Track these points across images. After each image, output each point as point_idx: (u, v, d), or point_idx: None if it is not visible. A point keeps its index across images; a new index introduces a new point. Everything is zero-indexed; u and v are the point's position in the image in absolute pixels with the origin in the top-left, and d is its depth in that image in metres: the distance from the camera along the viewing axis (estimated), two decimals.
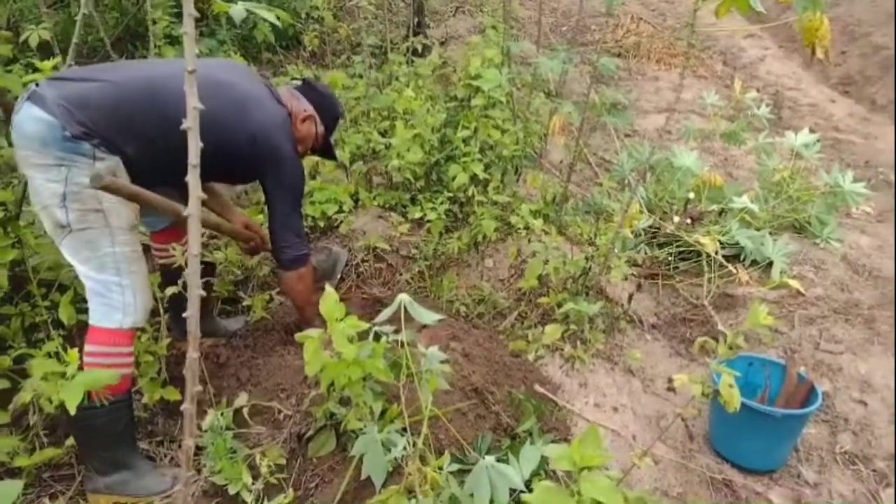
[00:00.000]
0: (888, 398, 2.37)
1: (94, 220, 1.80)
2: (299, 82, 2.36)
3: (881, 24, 6.05)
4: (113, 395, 1.86)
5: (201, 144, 1.06)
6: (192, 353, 1.11)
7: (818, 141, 3.37)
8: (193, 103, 0.99)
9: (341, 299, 1.77)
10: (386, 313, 1.55)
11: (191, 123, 1.00)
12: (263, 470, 1.70)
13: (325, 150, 2.40)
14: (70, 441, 2.02)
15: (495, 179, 3.19)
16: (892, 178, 4.10)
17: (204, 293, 1.20)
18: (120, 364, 1.87)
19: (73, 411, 1.64)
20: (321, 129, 2.30)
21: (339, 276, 2.91)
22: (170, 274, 2.36)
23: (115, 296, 1.87)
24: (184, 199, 1.38)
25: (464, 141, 3.18)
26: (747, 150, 3.98)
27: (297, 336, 1.59)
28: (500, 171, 3.25)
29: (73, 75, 1.89)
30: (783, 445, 2.16)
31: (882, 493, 2.08)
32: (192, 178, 1.05)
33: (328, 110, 2.32)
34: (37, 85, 1.79)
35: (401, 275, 3.00)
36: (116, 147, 1.80)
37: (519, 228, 2.97)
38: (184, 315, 1.19)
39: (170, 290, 2.06)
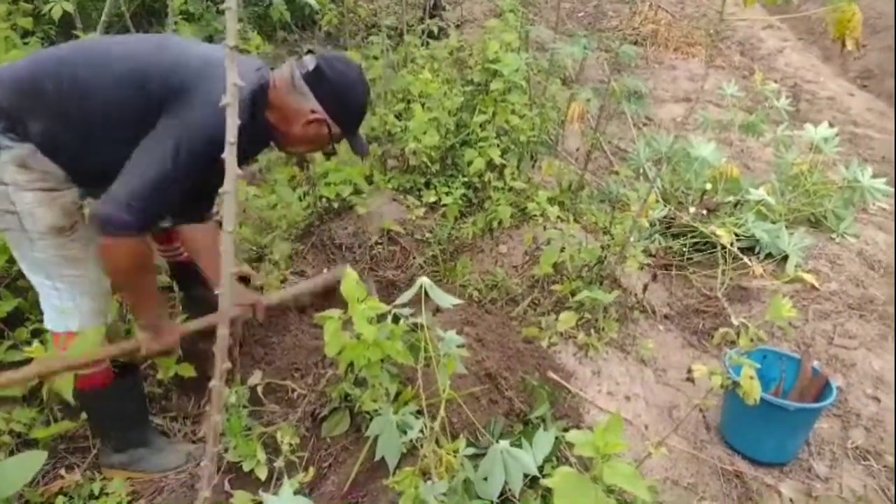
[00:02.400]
0: None
1: (11, 221, 1.61)
2: (310, 61, 1.76)
3: None
4: (90, 388, 1.80)
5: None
6: (223, 330, 1.11)
7: (837, 135, 3.34)
8: (233, 79, 0.98)
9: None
10: (406, 295, 1.55)
11: (230, 99, 1.00)
12: (284, 448, 1.71)
13: (349, 142, 1.91)
14: (85, 415, 2.04)
15: (511, 165, 3.18)
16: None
17: (237, 270, 1.19)
18: (85, 364, 1.76)
19: (70, 399, 1.63)
20: (336, 129, 1.81)
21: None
22: (178, 266, 2.35)
23: (53, 300, 1.73)
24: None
25: (480, 125, 3.16)
26: (765, 143, 3.95)
27: (317, 316, 1.59)
28: (516, 156, 3.24)
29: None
30: (795, 439, 2.16)
31: (892, 489, 2.08)
32: (230, 156, 1.04)
33: (344, 107, 1.80)
34: None
35: (414, 258, 3.00)
36: (25, 129, 1.56)
37: (535, 215, 2.96)
38: (216, 292, 1.18)
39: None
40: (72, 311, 1.73)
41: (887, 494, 2.07)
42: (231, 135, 1.05)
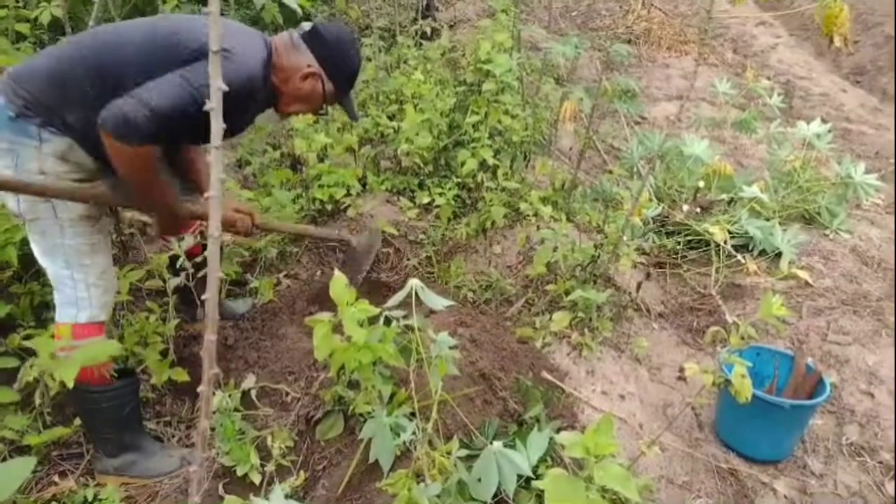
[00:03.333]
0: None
1: (44, 210, 1.71)
2: (307, 25, 1.93)
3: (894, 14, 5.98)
4: (90, 382, 1.83)
5: None
6: (210, 336, 1.10)
7: (830, 131, 3.34)
8: (218, 84, 0.97)
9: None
10: (396, 298, 1.55)
11: (214, 104, 0.99)
12: (275, 452, 1.70)
13: (341, 106, 2.07)
14: (78, 420, 2.03)
15: (504, 165, 3.18)
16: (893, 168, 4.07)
17: (222, 275, 1.19)
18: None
19: (70, 384, 1.64)
20: (330, 86, 1.92)
21: (371, 261, 2.69)
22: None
23: (67, 290, 1.80)
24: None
25: (473, 126, 3.16)
26: (758, 140, 3.95)
27: (307, 320, 1.59)
28: (509, 157, 3.24)
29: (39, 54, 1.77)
30: (790, 436, 2.16)
31: (888, 485, 2.08)
32: (215, 159, 1.04)
33: (338, 64, 1.92)
34: None
35: (408, 260, 3.00)
36: (63, 121, 1.66)
37: (528, 215, 2.96)
38: (202, 297, 1.19)
39: (173, 283, 2.06)
40: (85, 300, 1.81)
41: (882, 490, 2.07)
42: (216, 138, 1.05)
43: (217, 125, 1.06)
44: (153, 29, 1.71)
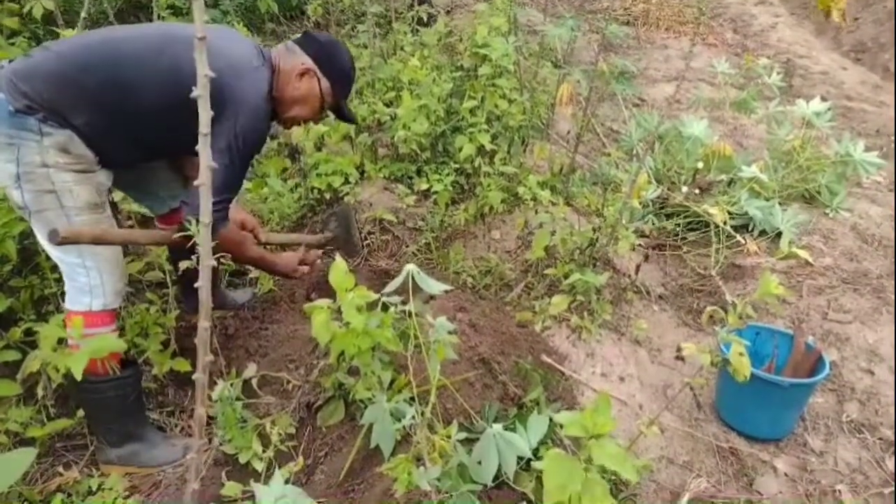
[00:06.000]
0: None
1: (49, 201, 1.74)
2: (300, 34, 2.05)
3: None
4: (94, 372, 1.85)
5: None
6: (204, 324, 1.11)
7: (829, 109, 3.32)
8: (203, 71, 0.97)
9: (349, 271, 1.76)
10: (394, 284, 1.55)
11: (201, 91, 0.99)
12: (274, 438, 1.72)
13: (337, 109, 2.13)
14: (81, 412, 2.05)
15: (502, 150, 3.16)
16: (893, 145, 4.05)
17: (214, 263, 1.20)
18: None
19: (79, 377, 1.66)
20: (326, 84, 1.99)
21: (357, 232, 2.79)
22: (177, 251, 2.35)
23: (80, 278, 1.83)
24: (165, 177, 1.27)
25: (470, 111, 3.14)
26: (757, 119, 3.93)
27: (306, 307, 1.59)
28: (506, 141, 3.22)
29: (40, 50, 1.79)
30: (790, 414, 2.16)
31: (888, 461, 2.09)
32: (203, 146, 1.04)
33: (331, 61, 1.99)
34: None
35: (407, 246, 3.00)
36: (66, 119, 1.70)
37: (526, 200, 2.95)
38: (195, 286, 1.20)
39: (184, 264, 2.04)
40: (98, 287, 1.85)
41: (882, 466, 2.08)
42: (204, 126, 1.05)
43: (205, 113, 1.06)
44: (176, 62, 1.74)
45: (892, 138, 4.15)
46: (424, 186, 3.12)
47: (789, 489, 2.02)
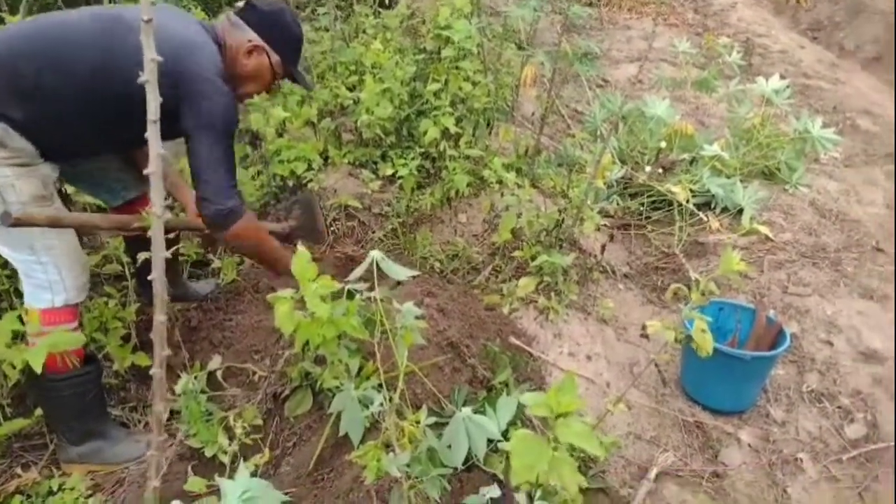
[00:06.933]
0: (853, 338, 2.43)
1: None
2: (241, 4, 1.94)
3: None
4: (52, 369, 1.79)
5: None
6: (160, 317, 1.08)
7: (788, 87, 3.37)
8: (151, 55, 0.93)
9: (315, 259, 1.73)
10: (358, 271, 1.53)
11: (148, 76, 0.95)
12: (238, 431, 1.69)
13: (290, 76, 2.04)
14: (39, 411, 1.99)
15: (467, 133, 3.14)
16: (860, 122, 4.14)
17: (168, 255, 1.16)
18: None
19: (38, 370, 1.61)
20: (276, 57, 1.92)
21: (322, 218, 2.76)
22: (134, 243, 2.29)
23: (38, 275, 1.77)
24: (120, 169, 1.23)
25: (434, 94, 3.11)
26: (718, 98, 3.97)
27: (269, 297, 1.56)
28: (471, 124, 3.20)
29: None
30: (752, 387, 2.21)
31: (847, 428, 2.15)
32: (153, 135, 1.00)
33: (277, 32, 1.92)
34: None
35: (374, 232, 2.97)
36: (1, 112, 1.61)
37: (492, 182, 2.95)
38: (149, 278, 1.16)
39: (143, 255, 1.98)
40: (58, 283, 1.78)
41: (841, 433, 2.14)
42: (153, 113, 1.01)
43: (154, 102, 1.02)
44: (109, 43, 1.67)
45: (848, 115, 4.25)
46: (390, 171, 3.08)
47: (753, 459, 2.07)
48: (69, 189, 2.38)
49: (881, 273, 2.74)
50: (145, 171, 1.03)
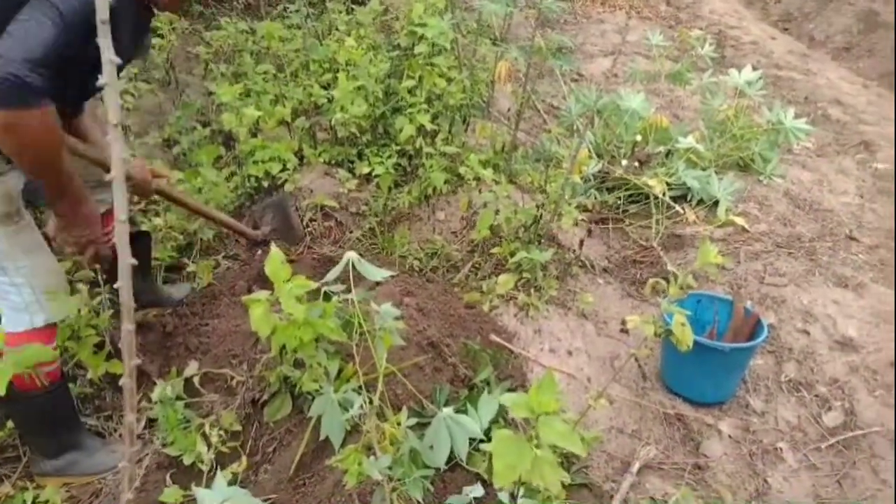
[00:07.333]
0: (828, 327, 2.46)
1: None
2: None
3: None
4: (19, 387, 1.72)
5: None
6: (128, 326, 1.04)
7: (760, 78, 3.40)
8: (109, 56, 0.89)
9: (291, 261, 1.71)
10: (334, 272, 1.51)
11: (107, 79, 0.91)
12: (214, 439, 1.66)
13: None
14: (11, 423, 1.94)
15: (443, 130, 3.13)
16: (831, 112, 4.21)
17: (135, 261, 1.13)
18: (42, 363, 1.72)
19: (2, 391, 1.56)
20: None
21: (297, 219, 2.73)
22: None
23: (12, 297, 1.68)
24: None
25: (409, 91, 3.09)
26: (692, 91, 4.00)
27: (244, 299, 1.54)
28: (447, 121, 3.19)
29: None
30: (732, 378, 2.23)
31: (824, 417, 2.18)
32: (113, 137, 0.96)
33: None
34: None
35: (351, 232, 2.94)
36: None
37: (469, 179, 2.93)
38: (115, 286, 1.13)
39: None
40: (34, 303, 1.70)
41: (819, 422, 2.17)
42: (114, 117, 0.97)
43: (114, 103, 0.98)
44: None
45: (820, 105, 4.31)
46: (366, 170, 3.05)
47: (734, 450, 2.08)
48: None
49: (854, 262, 2.78)
50: (107, 177, 0.99)
